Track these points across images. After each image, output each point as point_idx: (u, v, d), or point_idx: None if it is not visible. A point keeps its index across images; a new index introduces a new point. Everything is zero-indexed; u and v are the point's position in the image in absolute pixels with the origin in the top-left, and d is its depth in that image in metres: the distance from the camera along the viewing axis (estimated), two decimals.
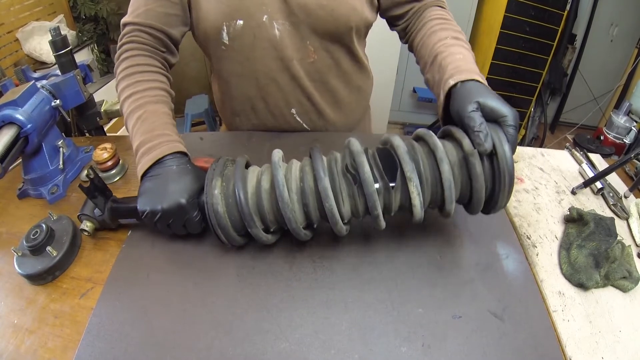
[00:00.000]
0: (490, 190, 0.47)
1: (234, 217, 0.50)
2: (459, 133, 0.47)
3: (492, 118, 0.47)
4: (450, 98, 0.52)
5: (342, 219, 0.48)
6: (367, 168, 0.45)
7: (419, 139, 0.50)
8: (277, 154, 0.50)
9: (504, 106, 0.46)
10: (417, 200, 0.45)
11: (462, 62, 0.55)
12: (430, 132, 0.48)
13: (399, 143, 0.46)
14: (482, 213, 0.51)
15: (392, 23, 0.76)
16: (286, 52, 0.70)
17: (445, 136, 0.51)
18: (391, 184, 0.46)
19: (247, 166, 0.54)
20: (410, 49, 0.73)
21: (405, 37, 0.74)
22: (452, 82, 0.51)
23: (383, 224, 0.48)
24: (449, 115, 0.53)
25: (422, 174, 0.46)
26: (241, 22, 0.66)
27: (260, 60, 0.71)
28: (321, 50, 0.72)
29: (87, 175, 0.53)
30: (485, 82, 0.52)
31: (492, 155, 0.45)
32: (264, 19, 0.66)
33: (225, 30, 0.67)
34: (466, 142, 0.46)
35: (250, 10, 0.65)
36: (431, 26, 0.65)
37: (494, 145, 0.44)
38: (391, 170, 0.47)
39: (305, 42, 0.70)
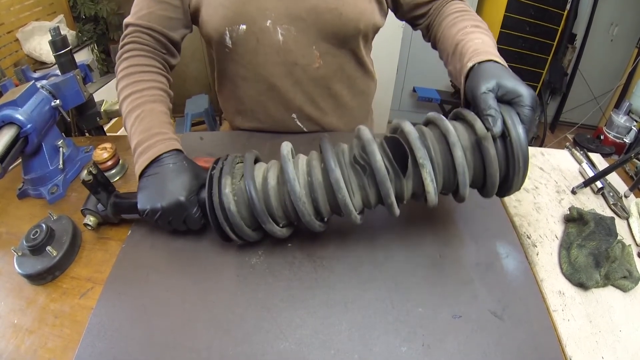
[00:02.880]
0: (505, 174, 0.46)
1: (244, 214, 0.50)
2: (470, 115, 0.46)
3: (508, 99, 0.45)
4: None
5: (355, 210, 0.48)
6: (378, 157, 0.44)
7: (429, 122, 0.49)
8: (287, 146, 0.49)
9: (520, 85, 0.45)
10: (430, 187, 0.44)
11: (481, 46, 0.53)
12: (441, 115, 0.47)
13: (410, 129, 0.45)
14: (497, 196, 0.50)
15: (414, 23, 0.75)
16: (290, 58, 0.69)
17: (457, 119, 0.49)
18: (402, 173, 0.45)
19: (255, 161, 0.54)
20: (434, 45, 0.71)
21: (428, 34, 0.73)
22: (469, 65, 0.50)
23: (397, 211, 0.47)
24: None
25: (434, 160, 0.45)
26: (244, 26, 0.66)
27: (263, 65, 0.71)
28: (327, 56, 0.71)
29: (89, 172, 0.53)
30: (504, 63, 0.50)
31: (505, 138, 0.44)
32: (268, 24, 0.66)
33: (228, 35, 0.67)
34: (478, 125, 0.44)
35: (252, 14, 0.65)
36: (451, 19, 0.64)
37: (507, 128, 0.43)
38: (401, 159, 0.46)
39: (312, 47, 0.69)
